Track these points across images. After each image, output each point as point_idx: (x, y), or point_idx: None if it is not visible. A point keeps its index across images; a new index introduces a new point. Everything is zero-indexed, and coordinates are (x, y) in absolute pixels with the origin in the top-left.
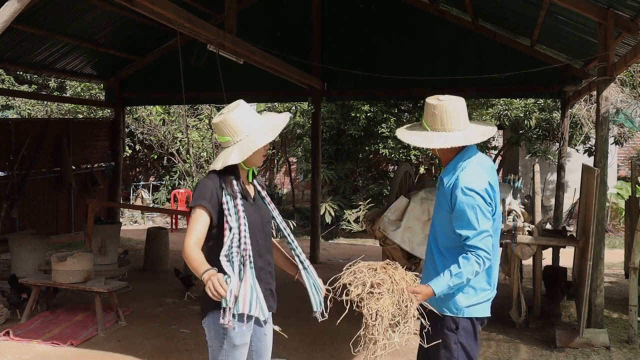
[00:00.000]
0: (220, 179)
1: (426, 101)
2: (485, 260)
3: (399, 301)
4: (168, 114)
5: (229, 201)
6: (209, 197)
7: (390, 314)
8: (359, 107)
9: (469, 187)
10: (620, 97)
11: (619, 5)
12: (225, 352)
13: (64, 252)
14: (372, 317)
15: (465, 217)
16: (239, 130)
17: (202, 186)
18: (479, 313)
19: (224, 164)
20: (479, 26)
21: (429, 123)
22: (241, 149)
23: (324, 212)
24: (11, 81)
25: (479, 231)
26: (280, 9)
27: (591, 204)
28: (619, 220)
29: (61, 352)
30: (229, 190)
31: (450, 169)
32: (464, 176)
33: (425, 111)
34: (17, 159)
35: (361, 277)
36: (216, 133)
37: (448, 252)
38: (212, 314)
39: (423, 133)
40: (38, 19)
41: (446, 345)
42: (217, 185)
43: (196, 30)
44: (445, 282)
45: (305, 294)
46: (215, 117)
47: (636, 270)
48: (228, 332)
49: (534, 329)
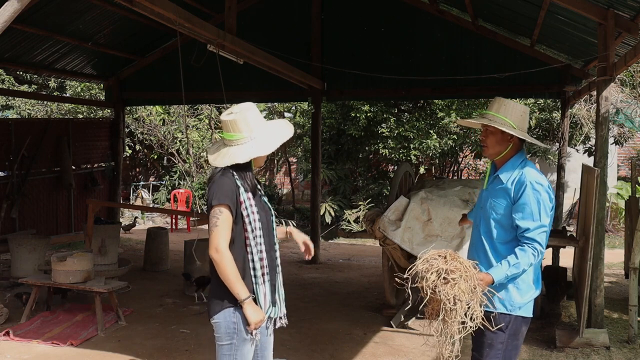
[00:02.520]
0: (236, 175)
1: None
2: (539, 254)
3: (471, 287)
4: (168, 114)
5: (246, 199)
6: (231, 195)
7: (466, 299)
8: (359, 107)
9: (538, 182)
10: (620, 97)
11: (619, 5)
12: (235, 347)
13: (64, 252)
14: (451, 301)
15: (529, 210)
16: (255, 128)
17: (223, 184)
18: (528, 312)
19: (247, 158)
20: (479, 26)
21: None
22: (259, 146)
23: (324, 212)
24: (11, 81)
25: (539, 224)
26: (280, 9)
27: (591, 204)
28: (619, 220)
29: (61, 352)
30: (246, 186)
31: (510, 167)
32: (530, 172)
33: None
34: (17, 159)
35: (435, 265)
36: (226, 130)
37: (503, 247)
38: (223, 311)
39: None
40: (38, 19)
41: (492, 344)
42: (235, 184)
43: (196, 30)
44: (503, 271)
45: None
46: (227, 115)
47: (636, 270)
48: (238, 326)
49: (534, 329)
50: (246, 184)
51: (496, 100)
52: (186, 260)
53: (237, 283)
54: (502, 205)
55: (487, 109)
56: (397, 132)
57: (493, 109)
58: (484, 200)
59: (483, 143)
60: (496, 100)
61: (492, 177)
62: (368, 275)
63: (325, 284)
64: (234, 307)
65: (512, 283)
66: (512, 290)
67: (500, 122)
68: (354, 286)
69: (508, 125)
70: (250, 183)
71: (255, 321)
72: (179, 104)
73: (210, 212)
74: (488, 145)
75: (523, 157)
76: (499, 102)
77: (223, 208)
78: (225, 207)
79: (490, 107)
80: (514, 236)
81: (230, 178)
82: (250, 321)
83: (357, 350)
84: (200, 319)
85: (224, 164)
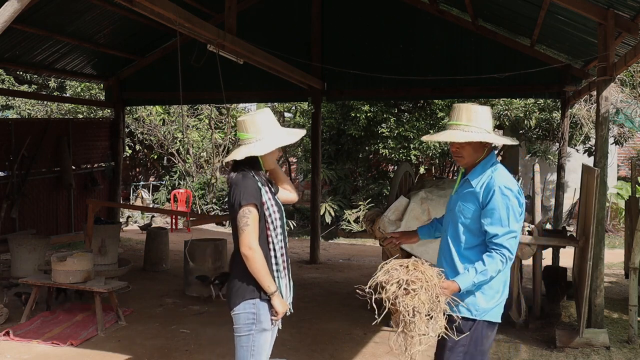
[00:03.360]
0: (256, 177)
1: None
2: (508, 260)
3: (433, 297)
4: (168, 114)
5: (267, 199)
6: (256, 195)
7: (426, 310)
8: (359, 107)
9: (507, 187)
10: (620, 97)
11: (619, 5)
12: (253, 337)
13: (64, 252)
14: (410, 313)
15: (498, 215)
16: (262, 129)
17: (248, 185)
18: (494, 317)
19: (242, 156)
20: (479, 26)
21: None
22: (263, 145)
23: (324, 212)
24: (11, 81)
25: (508, 230)
26: (280, 9)
27: (591, 204)
28: (619, 220)
29: (61, 352)
30: (263, 184)
31: (480, 170)
32: (499, 176)
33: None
34: (17, 159)
35: (395, 275)
36: (239, 130)
37: (470, 251)
38: (243, 303)
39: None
40: (38, 19)
41: (452, 347)
42: (257, 185)
43: (196, 30)
44: (470, 278)
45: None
46: (241, 117)
47: (636, 270)
48: (258, 316)
49: (534, 329)
50: (264, 183)
51: (463, 109)
52: (186, 260)
53: (267, 277)
54: (471, 209)
55: (456, 119)
56: (397, 132)
57: (463, 119)
58: (453, 204)
59: (457, 154)
60: (462, 108)
61: (463, 181)
62: (368, 275)
63: (325, 284)
64: (254, 299)
65: (478, 289)
66: (477, 296)
67: (477, 132)
68: (354, 286)
69: (483, 132)
70: (268, 182)
71: (282, 311)
72: (178, 104)
73: (239, 212)
74: (464, 155)
75: (493, 159)
76: (467, 110)
77: (251, 207)
78: (253, 207)
79: (458, 117)
80: (482, 241)
81: (252, 179)
82: (278, 311)
83: (357, 350)
84: (200, 319)
85: (226, 160)
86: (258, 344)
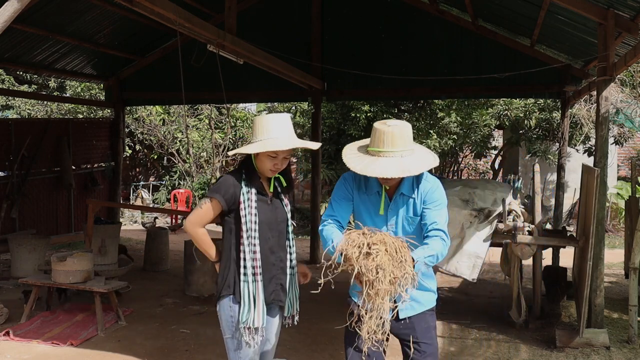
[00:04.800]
0: (243, 175)
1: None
2: (446, 243)
3: (397, 259)
4: (168, 114)
5: (246, 199)
6: (224, 191)
7: (391, 268)
8: (359, 107)
9: (434, 179)
10: (620, 97)
11: (619, 5)
12: (237, 342)
13: (64, 252)
14: (372, 272)
15: (438, 205)
16: (260, 133)
17: (222, 181)
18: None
19: (240, 151)
20: (479, 26)
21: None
22: (254, 146)
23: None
24: (11, 81)
25: (445, 218)
26: (280, 9)
27: (591, 204)
28: (619, 220)
29: (61, 352)
30: (249, 186)
31: (409, 183)
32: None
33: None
34: (17, 159)
35: (355, 241)
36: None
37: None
38: (221, 301)
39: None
40: (38, 19)
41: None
42: (237, 182)
43: (196, 30)
44: (422, 253)
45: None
46: (257, 116)
47: (636, 270)
48: (235, 319)
49: (534, 329)
50: (252, 184)
51: (392, 134)
52: (186, 260)
53: (209, 249)
54: (410, 217)
55: (391, 147)
56: None
57: (399, 144)
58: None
59: (389, 183)
60: (391, 133)
61: (396, 197)
62: None
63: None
64: (228, 297)
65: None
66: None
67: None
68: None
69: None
70: (253, 182)
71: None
72: (179, 104)
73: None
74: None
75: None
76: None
77: (212, 200)
78: (214, 200)
79: (393, 143)
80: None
81: (235, 176)
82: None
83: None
84: (200, 318)
85: (231, 153)
86: (241, 343)
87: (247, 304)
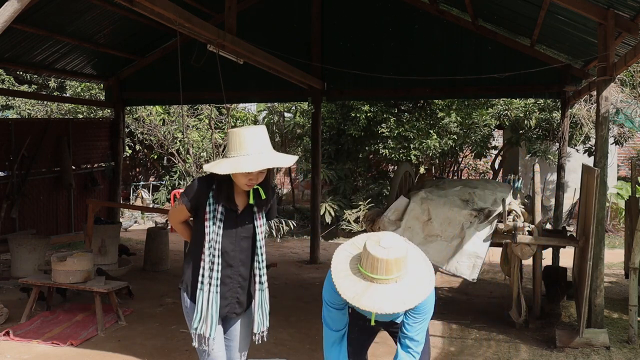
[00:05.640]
0: (213, 182)
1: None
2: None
3: None
4: (168, 114)
5: (211, 211)
6: (190, 197)
7: None
8: (359, 107)
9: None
10: (620, 97)
11: (619, 5)
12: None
13: (64, 252)
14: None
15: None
16: (234, 149)
17: (191, 185)
18: None
19: (211, 170)
20: (479, 26)
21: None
22: (230, 165)
23: (324, 212)
24: (11, 81)
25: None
26: (280, 9)
27: (591, 204)
28: (619, 220)
29: (61, 352)
30: (217, 196)
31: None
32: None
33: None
34: (17, 159)
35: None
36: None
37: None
38: (182, 292)
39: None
40: (38, 19)
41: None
42: (206, 188)
43: (196, 30)
44: None
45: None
46: (232, 129)
47: (636, 270)
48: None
49: (534, 329)
50: (221, 195)
51: (386, 262)
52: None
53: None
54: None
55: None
56: (397, 132)
57: (394, 272)
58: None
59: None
60: (385, 261)
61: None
62: None
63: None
64: (185, 291)
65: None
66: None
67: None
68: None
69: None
70: (225, 198)
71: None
72: (178, 104)
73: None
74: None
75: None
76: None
77: (180, 204)
78: (181, 205)
79: (387, 271)
80: None
81: (207, 181)
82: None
83: None
84: None
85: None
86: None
87: (200, 312)
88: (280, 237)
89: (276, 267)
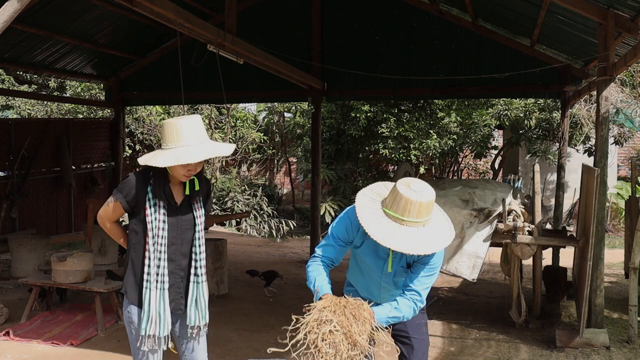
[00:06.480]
0: (150, 176)
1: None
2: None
3: (354, 327)
4: (168, 114)
5: (151, 206)
6: (126, 193)
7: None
8: (359, 107)
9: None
10: (620, 97)
11: (619, 5)
12: (133, 340)
13: (64, 252)
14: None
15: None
16: (170, 141)
17: (127, 181)
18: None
19: (148, 163)
20: (479, 26)
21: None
22: (171, 156)
23: (324, 212)
24: (11, 81)
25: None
26: (280, 9)
27: (591, 204)
28: (619, 220)
29: (61, 352)
30: (156, 189)
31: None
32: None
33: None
34: (17, 159)
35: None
36: (161, 134)
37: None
38: (125, 298)
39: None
40: (38, 19)
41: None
42: (143, 183)
43: (196, 30)
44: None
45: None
46: (167, 119)
47: (636, 270)
48: (131, 317)
49: (534, 329)
50: (158, 190)
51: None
52: None
53: (121, 240)
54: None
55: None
56: (397, 132)
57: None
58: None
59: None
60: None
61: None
62: None
63: None
64: (126, 300)
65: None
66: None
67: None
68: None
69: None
70: (162, 191)
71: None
72: (178, 104)
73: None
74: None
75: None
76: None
77: (113, 201)
78: (115, 201)
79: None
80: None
81: (143, 176)
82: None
83: None
84: None
85: (141, 162)
86: (136, 348)
87: (148, 311)
88: (280, 237)
89: (282, 279)
